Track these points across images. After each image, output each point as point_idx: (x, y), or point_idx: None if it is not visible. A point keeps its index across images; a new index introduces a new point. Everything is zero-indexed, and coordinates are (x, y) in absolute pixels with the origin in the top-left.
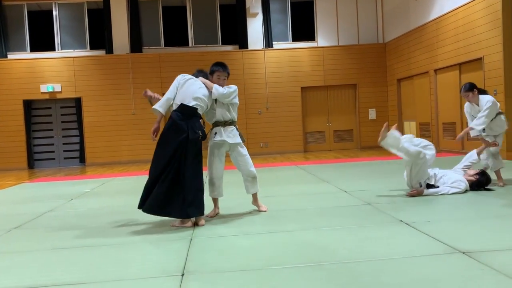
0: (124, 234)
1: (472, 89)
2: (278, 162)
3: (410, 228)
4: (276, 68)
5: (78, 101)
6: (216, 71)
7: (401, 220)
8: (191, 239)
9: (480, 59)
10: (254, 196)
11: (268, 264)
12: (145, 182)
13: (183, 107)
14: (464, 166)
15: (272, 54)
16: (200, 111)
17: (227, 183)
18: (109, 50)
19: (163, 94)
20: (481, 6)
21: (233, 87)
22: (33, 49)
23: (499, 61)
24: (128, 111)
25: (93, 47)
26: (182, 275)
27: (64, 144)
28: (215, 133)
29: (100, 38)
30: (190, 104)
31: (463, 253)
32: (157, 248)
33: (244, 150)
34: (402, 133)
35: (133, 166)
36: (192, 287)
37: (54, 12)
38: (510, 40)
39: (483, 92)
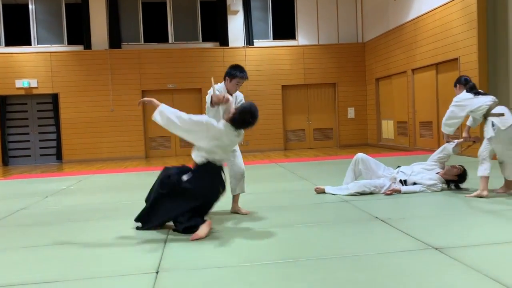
0: (99, 232)
1: (455, 84)
2: (258, 160)
3: (385, 225)
4: (256, 66)
5: (55, 97)
6: (237, 77)
7: (376, 217)
8: (167, 237)
9: (456, 59)
10: (236, 198)
11: (244, 260)
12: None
13: (213, 165)
14: (439, 157)
15: (252, 52)
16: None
17: None
18: (87, 46)
19: (142, 92)
20: (458, 8)
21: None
22: (8, 43)
23: (474, 61)
24: (107, 107)
25: (71, 42)
26: (157, 272)
27: (40, 140)
28: None
29: (78, 33)
30: (221, 164)
31: (436, 249)
32: (132, 246)
33: (237, 147)
34: (380, 131)
35: (111, 164)
36: (166, 284)
37: (30, 6)
38: (485, 41)
39: (472, 90)
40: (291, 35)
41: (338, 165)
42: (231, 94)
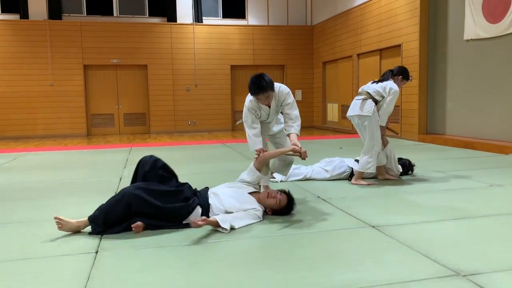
0: (36, 211)
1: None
2: (205, 140)
3: (326, 204)
4: (205, 44)
5: None
6: (254, 96)
7: (318, 196)
8: None
9: (399, 46)
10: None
11: (185, 240)
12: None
13: None
14: None
15: (201, 29)
16: None
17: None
18: (24, 15)
19: (84, 67)
20: None
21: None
22: None
23: (416, 48)
24: (45, 82)
25: (5, 10)
26: (96, 252)
27: None
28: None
29: (14, 1)
30: None
31: (373, 227)
32: None
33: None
34: (326, 114)
35: (49, 141)
36: (106, 264)
37: None
38: (426, 29)
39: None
40: (241, 14)
41: None
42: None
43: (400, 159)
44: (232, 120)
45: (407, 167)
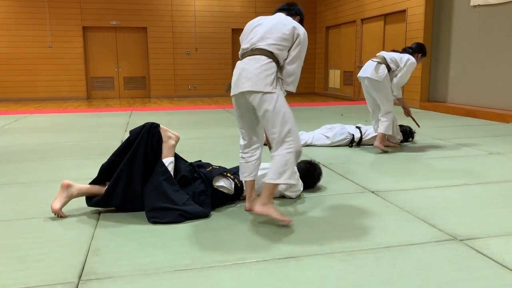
0: (39, 172)
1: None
2: (206, 105)
3: (326, 170)
4: (206, 7)
5: None
6: None
7: (318, 162)
8: None
9: (404, 11)
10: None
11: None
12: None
13: None
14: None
15: None
16: None
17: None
18: None
19: (83, 28)
20: None
21: None
22: None
23: (421, 14)
24: (44, 43)
25: None
26: (100, 213)
27: None
28: None
29: None
30: None
31: (372, 192)
32: None
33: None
34: (327, 80)
35: (50, 103)
36: (110, 224)
37: None
38: None
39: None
40: None
41: None
42: None
43: (401, 126)
44: None
45: (407, 134)
